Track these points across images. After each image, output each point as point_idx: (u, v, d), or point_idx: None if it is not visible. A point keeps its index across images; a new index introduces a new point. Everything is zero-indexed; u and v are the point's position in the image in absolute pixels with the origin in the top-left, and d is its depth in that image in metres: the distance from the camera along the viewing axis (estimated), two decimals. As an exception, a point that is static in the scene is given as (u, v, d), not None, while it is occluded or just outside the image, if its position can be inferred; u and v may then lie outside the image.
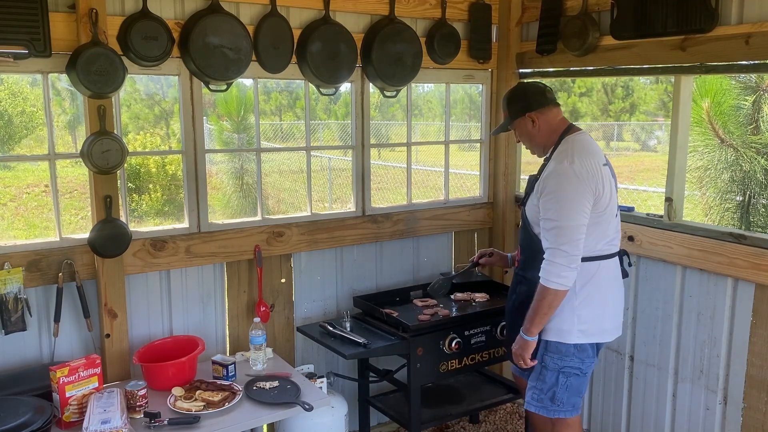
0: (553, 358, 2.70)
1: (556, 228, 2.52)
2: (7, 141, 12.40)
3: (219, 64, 2.93)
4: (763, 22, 2.68)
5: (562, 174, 2.55)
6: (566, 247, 2.50)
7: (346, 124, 10.53)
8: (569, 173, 2.54)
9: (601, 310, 2.69)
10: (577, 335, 2.66)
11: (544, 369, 2.73)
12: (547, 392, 2.74)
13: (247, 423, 2.60)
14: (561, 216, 2.52)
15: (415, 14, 3.54)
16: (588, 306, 2.66)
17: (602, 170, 2.60)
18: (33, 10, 2.55)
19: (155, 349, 2.94)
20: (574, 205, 2.51)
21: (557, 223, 2.52)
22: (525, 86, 2.85)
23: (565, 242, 2.50)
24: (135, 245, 2.92)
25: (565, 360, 2.69)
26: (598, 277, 2.66)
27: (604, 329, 2.73)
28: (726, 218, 4.87)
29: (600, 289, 2.68)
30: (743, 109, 4.70)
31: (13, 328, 2.71)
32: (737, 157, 4.71)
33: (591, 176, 2.54)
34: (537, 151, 2.81)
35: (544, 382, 2.74)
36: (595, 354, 2.76)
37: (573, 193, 2.52)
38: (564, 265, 2.50)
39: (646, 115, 19.62)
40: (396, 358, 3.23)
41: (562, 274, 2.51)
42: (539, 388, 2.76)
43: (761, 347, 2.85)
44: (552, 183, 2.57)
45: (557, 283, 2.52)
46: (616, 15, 3.16)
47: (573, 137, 2.67)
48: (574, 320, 2.65)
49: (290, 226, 3.36)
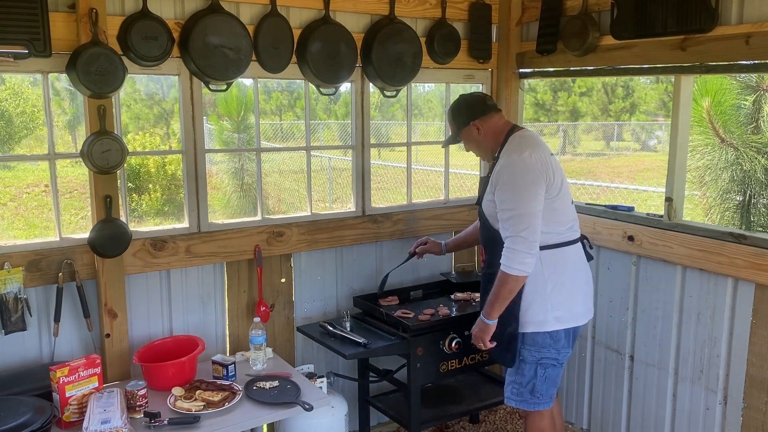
0: (531, 351, 2.77)
1: (514, 216, 2.62)
2: (7, 141, 12.41)
3: (219, 64, 2.93)
4: (763, 22, 2.68)
5: (513, 165, 2.68)
6: (525, 233, 2.59)
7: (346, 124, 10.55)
8: (520, 164, 2.67)
9: (572, 294, 2.79)
10: (553, 323, 2.74)
11: (522, 362, 2.79)
12: (526, 385, 2.81)
13: (247, 423, 2.60)
14: (517, 204, 2.62)
15: (415, 14, 3.54)
16: (559, 292, 2.74)
17: (551, 159, 2.74)
18: (33, 10, 2.54)
19: (155, 349, 2.94)
20: (529, 193, 2.62)
21: (514, 211, 2.62)
22: (465, 98, 2.96)
23: (524, 228, 2.59)
24: (135, 245, 2.92)
25: (542, 351, 2.76)
26: (565, 263, 2.76)
27: (577, 313, 2.82)
28: (726, 218, 4.87)
29: (568, 274, 2.78)
30: (744, 108, 4.70)
31: (13, 328, 2.71)
32: (737, 157, 4.71)
33: (541, 164, 2.67)
34: (486, 155, 2.95)
35: (523, 376, 2.81)
36: (569, 344, 2.83)
37: (526, 181, 2.64)
38: (525, 252, 2.59)
39: (646, 114, 19.63)
40: (396, 358, 3.23)
41: (524, 260, 2.60)
42: (518, 382, 2.82)
43: (761, 347, 2.85)
44: (505, 175, 2.68)
45: (518, 269, 2.61)
46: (616, 15, 3.16)
47: (518, 134, 2.81)
48: (547, 308, 2.73)
49: (290, 226, 3.36)
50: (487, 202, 2.81)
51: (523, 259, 2.59)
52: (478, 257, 4.09)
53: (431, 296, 3.65)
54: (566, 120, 19.53)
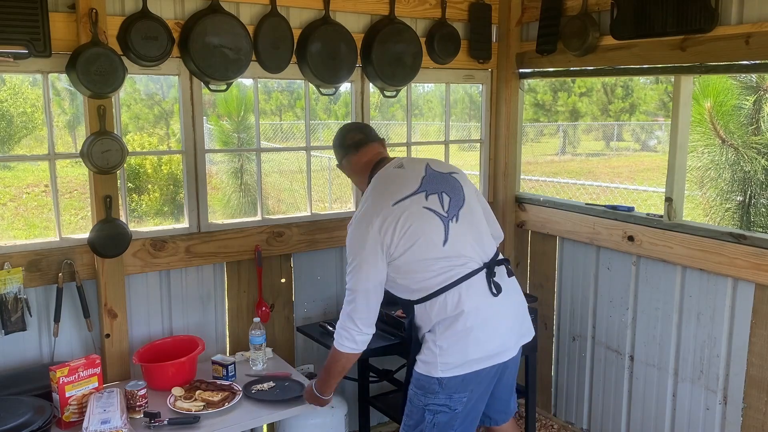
0: (418, 395, 2.48)
1: (348, 292, 2.46)
2: (7, 141, 12.41)
3: (219, 64, 2.93)
4: (763, 22, 2.68)
5: (349, 237, 2.49)
6: (355, 315, 2.44)
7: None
8: (353, 236, 2.47)
9: (463, 340, 2.40)
10: (441, 368, 2.41)
11: (410, 404, 2.53)
12: (415, 429, 2.51)
13: (247, 423, 2.60)
14: (350, 281, 2.46)
15: (415, 14, 3.54)
16: (446, 338, 2.42)
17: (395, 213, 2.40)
18: (33, 10, 2.54)
19: (155, 349, 2.94)
20: (362, 271, 2.42)
21: (349, 287, 2.46)
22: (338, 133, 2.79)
23: (353, 309, 2.44)
24: (135, 245, 2.92)
25: (429, 397, 2.45)
26: (449, 309, 2.41)
27: (469, 360, 2.41)
28: (726, 218, 4.88)
29: (457, 319, 2.40)
30: (744, 109, 4.71)
31: (13, 328, 2.71)
32: (738, 158, 4.72)
33: (376, 230, 2.39)
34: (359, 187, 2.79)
35: (411, 418, 2.53)
36: (466, 388, 2.44)
37: (360, 256, 2.43)
38: (354, 330, 2.44)
39: (646, 115, 19.64)
40: (396, 358, 3.23)
41: (355, 338, 2.45)
42: (408, 423, 2.55)
43: (761, 347, 2.85)
44: (347, 246, 2.51)
45: (349, 347, 2.47)
46: (616, 15, 3.16)
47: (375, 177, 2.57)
48: (435, 352, 2.42)
49: (290, 226, 3.36)
50: None
51: (354, 337, 2.45)
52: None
53: (431, 296, 3.64)
54: (566, 120, 19.54)
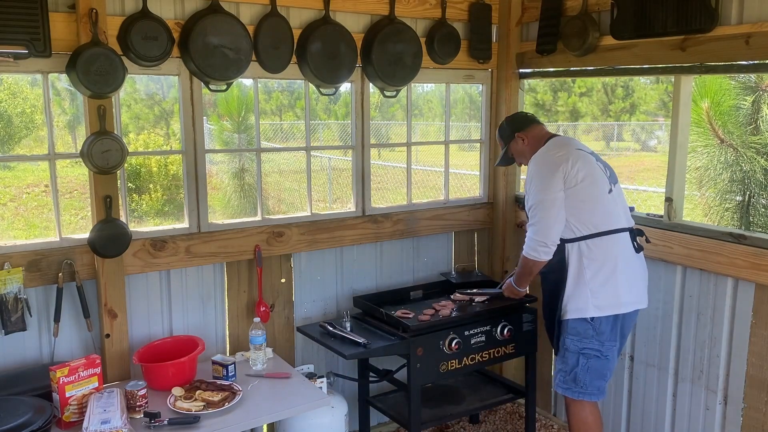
0: (573, 340, 2.88)
1: (533, 207, 2.85)
2: (7, 141, 12.40)
3: (219, 64, 2.93)
4: (763, 22, 2.68)
5: (537, 161, 2.95)
6: (539, 224, 2.82)
7: (346, 124, 10.53)
8: (538, 159, 2.95)
9: (613, 282, 2.83)
10: (593, 310, 2.83)
11: (566, 351, 2.92)
12: (569, 373, 2.92)
13: (247, 423, 2.60)
14: (534, 195, 2.85)
15: (415, 14, 3.54)
16: (599, 280, 2.83)
17: (577, 153, 2.89)
18: (33, 10, 2.55)
19: (155, 349, 2.94)
20: (543, 184, 2.84)
21: (532, 202, 2.86)
22: (509, 116, 3.30)
23: (539, 219, 2.82)
24: (135, 245, 2.92)
25: (584, 342, 2.86)
26: (605, 252, 2.83)
27: (620, 302, 2.86)
28: (726, 218, 4.87)
29: (609, 263, 2.83)
30: (743, 109, 4.70)
31: (13, 328, 2.71)
32: (737, 158, 4.71)
33: (558, 157, 2.87)
34: (523, 162, 3.17)
35: (566, 364, 2.93)
36: (615, 337, 2.89)
37: (541, 174, 2.88)
38: (538, 240, 2.82)
39: (646, 115, 19.62)
40: (396, 358, 3.23)
41: (537, 248, 2.84)
42: (564, 369, 2.94)
43: (761, 347, 2.85)
44: (530, 169, 2.95)
45: (533, 255, 2.86)
46: (616, 15, 3.16)
47: (552, 141, 3.02)
48: (587, 295, 2.83)
49: (290, 226, 3.36)
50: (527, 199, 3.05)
51: (537, 246, 2.83)
52: (478, 257, 4.09)
53: (431, 296, 3.65)
54: (566, 120, 19.52)
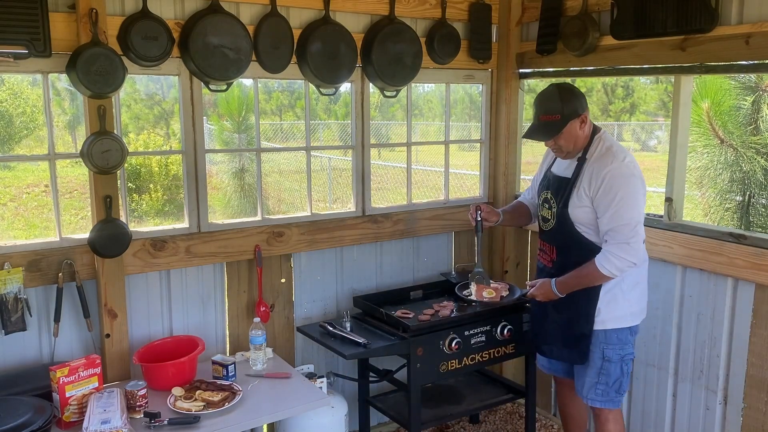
0: (615, 349, 2.79)
1: (626, 225, 2.62)
2: (7, 141, 12.40)
3: (219, 64, 2.93)
4: (763, 22, 2.68)
5: (624, 173, 2.66)
6: (633, 242, 2.62)
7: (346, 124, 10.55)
8: (629, 172, 2.67)
9: (642, 289, 2.84)
10: (630, 318, 2.80)
11: (606, 363, 2.80)
12: (613, 385, 2.82)
13: (247, 423, 2.60)
14: (631, 212, 2.62)
15: (415, 14, 3.54)
16: (634, 288, 2.79)
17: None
18: (33, 10, 2.54)
19: (155, 349, 2.94)
20: (638, 201, 2.66)
21: (628, 220, 2.62)
22: (571, 86, 2.80)
23: (632, 237, 2.62)
24: (135, 245, 2.92)
25: (625, 348, 2.80)
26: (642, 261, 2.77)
27: (644, 308, 2.89)
28: (726, 218, 4.87)
29: (642, 270, 2.81)
30: (743, 109, 4.70)
31: (13, 328, 2.71)
32: (737, 158, 4.71)
33: (639, 171, 2.71)
34: (571, 153, 2.81)
35: (609, 376, 2.81)
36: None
37: (637, 188, 2.66)
38: (627, 259, 2.63)
39: (646, 115, 19.62)
40: (396, 358, 3.23)
41: (622, 268, 2.64)
42: (605, 383, 2.83)
43: (761, 347, 2.85)
44: (618, 182, 2.64)
45: (613, 274, 2.66)
46: (616, 15, 3.16)
47: (602, 136, 2.79)
48: (625, 305, 2.77)
49: (290, 226, 3.36)
50: (578, 208, 2.76)
51: (625, 267, 2.65)
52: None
53: (431, 296, 3.65)
54: (566, 120, 19.49)
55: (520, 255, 4.07)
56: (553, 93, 2.73)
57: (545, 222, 2.96)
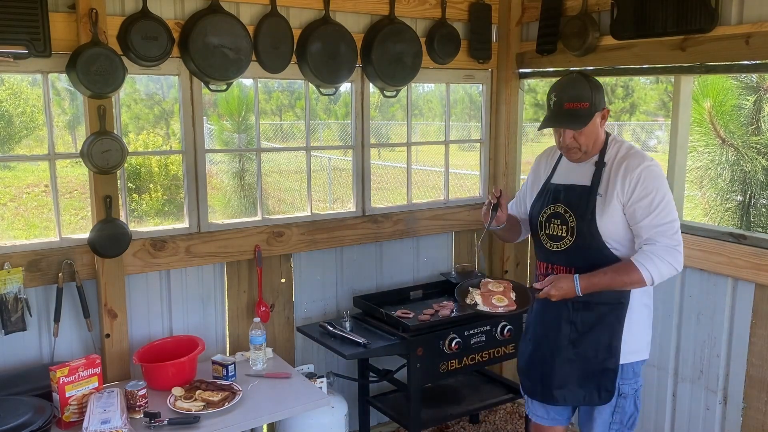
0: (630, 383, 2.49)
1: (673, 227, 2.31)
2: (7, 141, 12.39)
3: (219, 64, 2.93)
4: (763, 22, 2.68)
5: (658, 173, 2.35)
6: (681, 249, 2.31)
7: (346, 124, 10.56)
8: (661, 172, 2.37)
9: (650, 316, 2.54)
10: (645, 349, 2.52)
11: (622, 399, 2.49)
12: (627, 422, 2.53)
13: (247, 423, 2.60)
14: (674, 215, 2.33)
15: (415, 14, 3.54)
16: (648, 315, 2.53)
17: None
18: (33, 10, 2.54)
19: (155, 349, 2.94)
20: (673, 204, 2.37)
21: (673, 222, 2.31)
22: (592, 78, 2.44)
23: (680, 243, 2.32)
24: (135, 245, 2.92)
25: (638, 380, 2.52)
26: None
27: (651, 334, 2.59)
28: (726, 218, 4.87)
29: (651, 292, 2.51)
30: (744, 109, 4.70)
31: (13, 328, 2.71)
32: (738, 158, 4.71)
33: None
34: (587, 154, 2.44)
35: (624, 413, 2.51)
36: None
37: (668, 190, 2.37)
38: (674, 267, 2.30)
39: (646, 115, 19.61)
40: (396, 358, 3.23)
41: (666, 275, 2.31)
42: (619, 421, 2.52)
43: (761, 347, 2.85)
44: (655, 182, 2.33)
45: (652, 279, 2.30)
46: (616, 15, 3.16)
47: (616, 137, 2.48)
48: (642, 334, 2.49)
49: (290, 226, 3.36)
50: (608, 219, 2.37)
51: (667, 273, 2.31)
52: (478, 257, 4.09)
53: (431, 296, 3.65)
54: (566, 120, 19.48)
55: (520, 255, 4.07)
56: (580, 80, 2.38)
57: (556, 241, 2.49)
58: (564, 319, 2.50)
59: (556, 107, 2.37)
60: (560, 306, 2.48)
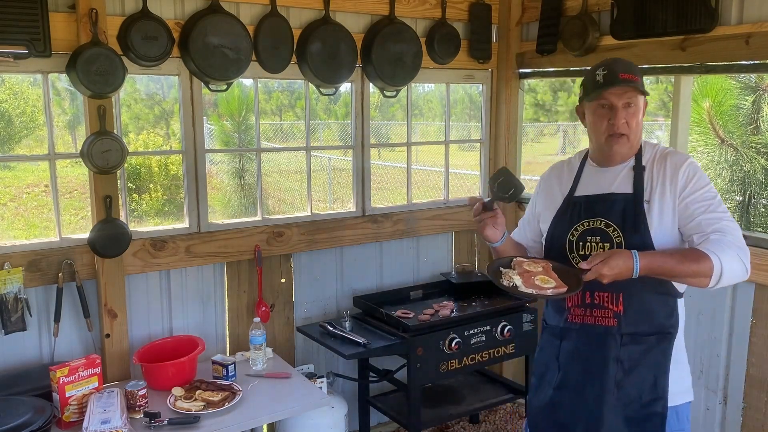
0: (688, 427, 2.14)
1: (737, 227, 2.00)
2: (7, 141, 12.39)
3: (219, 64, 2.93)
4: (763, 22, 2.68)
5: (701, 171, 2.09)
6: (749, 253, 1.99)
7: (346, 124, 10.56)
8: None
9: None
10: (690, 389, 2.16)
11: None
12: None
13: (247, 423, 2.60)
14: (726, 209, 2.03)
15: (415, 14, 3.54)
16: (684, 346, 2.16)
17: None
18: (33, 10, 2.55)
19: (155, 349, 2.94)
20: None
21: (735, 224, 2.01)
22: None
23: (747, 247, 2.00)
24: (135, 245, 2.92)
25: (688, 424, 2.14)
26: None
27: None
28: (726, 218, 4.86)
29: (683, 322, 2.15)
30: (743, 109, 4.70)
31: (13, 328, 2.71)
32: (737, 157, 4.71)
33: None
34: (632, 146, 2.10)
35: None
36: None
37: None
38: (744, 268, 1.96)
39: (646, 114, 19.60)
40: (396, 358, 3.23)
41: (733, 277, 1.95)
42: None
43: (761, 347, 2.85)
44: (704, 178, 2.06)
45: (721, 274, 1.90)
46: (616, 15, 3.16)
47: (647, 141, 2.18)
48: (684, 370, 2.14)
49: (290, 226, 3.36)
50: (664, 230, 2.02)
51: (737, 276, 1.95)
52: (478, 257, 4.09)
53: (431, 296, 3.65)
54: (566, 120, 19.50)
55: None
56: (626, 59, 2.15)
57: None
58: (612, 358, 2.05)
59: (610, 76, 2.02)
60: (606, 340, 2.06)
